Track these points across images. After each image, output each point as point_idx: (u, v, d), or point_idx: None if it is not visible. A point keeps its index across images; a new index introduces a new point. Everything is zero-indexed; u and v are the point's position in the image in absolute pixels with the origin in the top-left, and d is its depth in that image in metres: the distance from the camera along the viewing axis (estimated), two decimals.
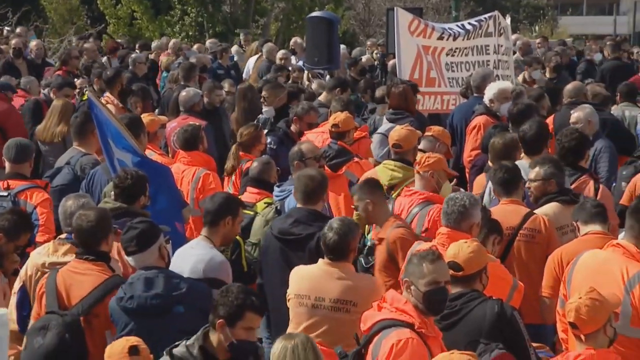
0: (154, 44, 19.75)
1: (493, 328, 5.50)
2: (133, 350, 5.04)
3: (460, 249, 5.73)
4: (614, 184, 8.93)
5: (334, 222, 6.26)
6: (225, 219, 6.68)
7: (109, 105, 10.69)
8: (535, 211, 7.26)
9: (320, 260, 6.31)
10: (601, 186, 7.91)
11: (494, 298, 5.72)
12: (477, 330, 5.51)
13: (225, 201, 6.78)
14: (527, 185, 7.48)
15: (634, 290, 5.60)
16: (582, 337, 5.07)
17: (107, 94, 11.79)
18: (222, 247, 6.81)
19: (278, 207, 7.80)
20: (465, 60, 12.49)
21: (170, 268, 6.55)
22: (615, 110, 11.31)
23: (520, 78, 14.08)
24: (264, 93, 11.17)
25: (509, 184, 7.28)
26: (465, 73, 12.35)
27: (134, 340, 5.14)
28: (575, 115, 9.31)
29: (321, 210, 7.16)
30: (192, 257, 6.56)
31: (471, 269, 5.70)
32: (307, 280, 6.27)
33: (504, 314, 5.56)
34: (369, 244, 7.47)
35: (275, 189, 8.12)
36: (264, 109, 10.99)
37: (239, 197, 7.87)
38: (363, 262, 7.24)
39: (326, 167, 8.47)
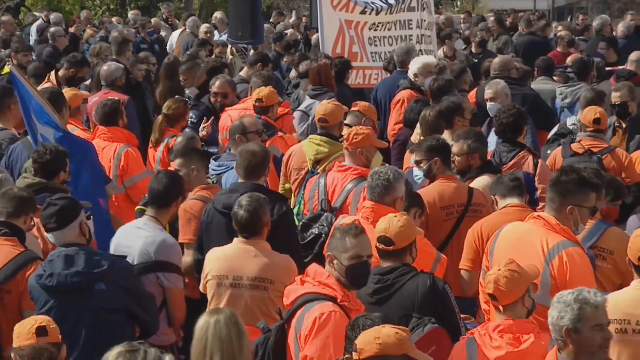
0: (52, 17, 19.27)
1: (426, 302, 5.54)
2: (41, 331, 4.95)
3: (390, 224, 5.73)
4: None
5: (243, 200, 6.24)
6: (178, 200, 6.69)
7: (47, 85, 10.52)
8: (472, 185, 7.33)
9: (235, 239, 6.30)
10: (540, 161, 7.99)
11: (424, 272, 5.77)
12: (410, 304, 5.53)
13: (174, 182, 6.73)
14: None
15: (553, 262, 5.68)
16: (501, 308, 5.12)
17: (52, 75, 11.60)
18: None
19: (215, 182, 7.74)
20: (389, 35, 12.53)
21: (115, 248, 6.54)
22: (533, 85, 11.46)
23: (440, 53, 14.19)
24: (182, 77, 11.02)
25: (449, 159, 7.31)
26: (388, 48, 12.40)
27: (42, 320, 5.04)
28: (492, 90, 9.40)
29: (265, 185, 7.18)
30: (141, 238, 6.50)
31: (402, 243, 5.72)
32: (224, 260, 6.26)
33: (437, 288, 5.61)
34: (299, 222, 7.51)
35: (213, 163, 8.06)
36: (187, 90, 10.86)
37: None
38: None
39: None
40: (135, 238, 6.52)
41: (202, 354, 4.59)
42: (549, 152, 8.95)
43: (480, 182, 7.37)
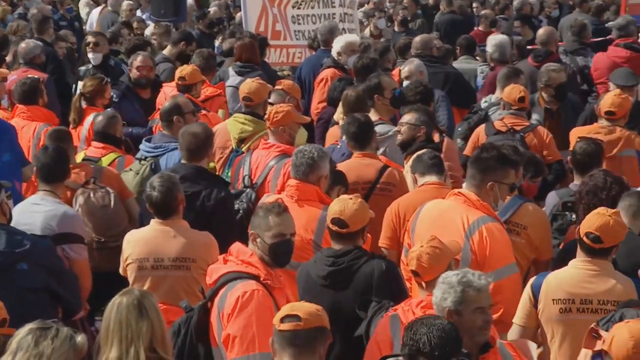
0: None
1: (382, 285, 5.53)
2: (3, 322, 4.82)
3: (345, 206, 5.68)
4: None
5: (154, 181, 6.23)
6: (70, 172, 6.66)
7: None
8: (410, 159, 7.36)
9: (151, 221, 6.28)
10: (446, 138, 8.09)
11: (376, 255, 5.80)
12: (366, 288, 5.53)
13: (62, 156, 6.68)
14: (396, 128, 7.61)
15: (473, 237, 5.76)
16: (424, 284, 5.17)
17: None
18: None
19: (152, 165, 7.67)
20: (311, 13, 12.55)
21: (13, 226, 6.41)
22: (454, 64, 11.58)
23: (366, 32, 14.23)
24: (93, 39, 10.86)
25: (362, 137, 7.36)
26: (311, 26, 12.42)
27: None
28: (407, 69, 9.49)
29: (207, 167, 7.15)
30: (40, 213, 6.45)
31: (356, 226, 5.68)
32: (144, 243, 6.23)
33: (392, 271, 5.62)
34: None
35: (145, 144, 7.96)
36: (92, 55, 10.72)
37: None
38: None
39: None
40: (33, 214, 6.47)
41: (105, 334, 4.56)
42: (459, 129, 9.07)
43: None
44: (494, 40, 11.10)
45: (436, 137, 7.94)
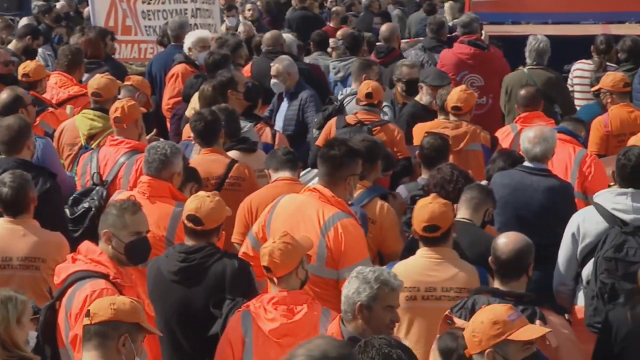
0: None
1: (235, 282, 5.51)
2: None
3: (202, 204, 5.64)
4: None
5: (5, 177, 6.10)
6: None
7: None
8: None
9: (0, 219, 6.11)
10: (277, 132, 8.30)
11: (229, 252, 5.77)
12: (218, 285, 5.50)
13: None
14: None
15: (329, 233, 5.78)
16: (275, 280, 5.18)
17: None
18: None
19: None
20: (162, 9, 12.48)
21: None
22: (307, 59, 11.66)
23: (223, 27, 14.23)
24: None
25: (209, 133, 7.35)
26: (162, 21, 12.35)
27: None
28: (275, 68, 9.53)
29: (31, 159, 6.99)
30: None
31: (211, 224, 5.65)
32: None
33: (244, 269, 5.61)
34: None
35: None
36: None
37: None
38: (68, 212, 7.07)
39: None
40: None
41: None
42: (315, 120, 9.18)
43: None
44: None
45: (268, 132, 8.08)
